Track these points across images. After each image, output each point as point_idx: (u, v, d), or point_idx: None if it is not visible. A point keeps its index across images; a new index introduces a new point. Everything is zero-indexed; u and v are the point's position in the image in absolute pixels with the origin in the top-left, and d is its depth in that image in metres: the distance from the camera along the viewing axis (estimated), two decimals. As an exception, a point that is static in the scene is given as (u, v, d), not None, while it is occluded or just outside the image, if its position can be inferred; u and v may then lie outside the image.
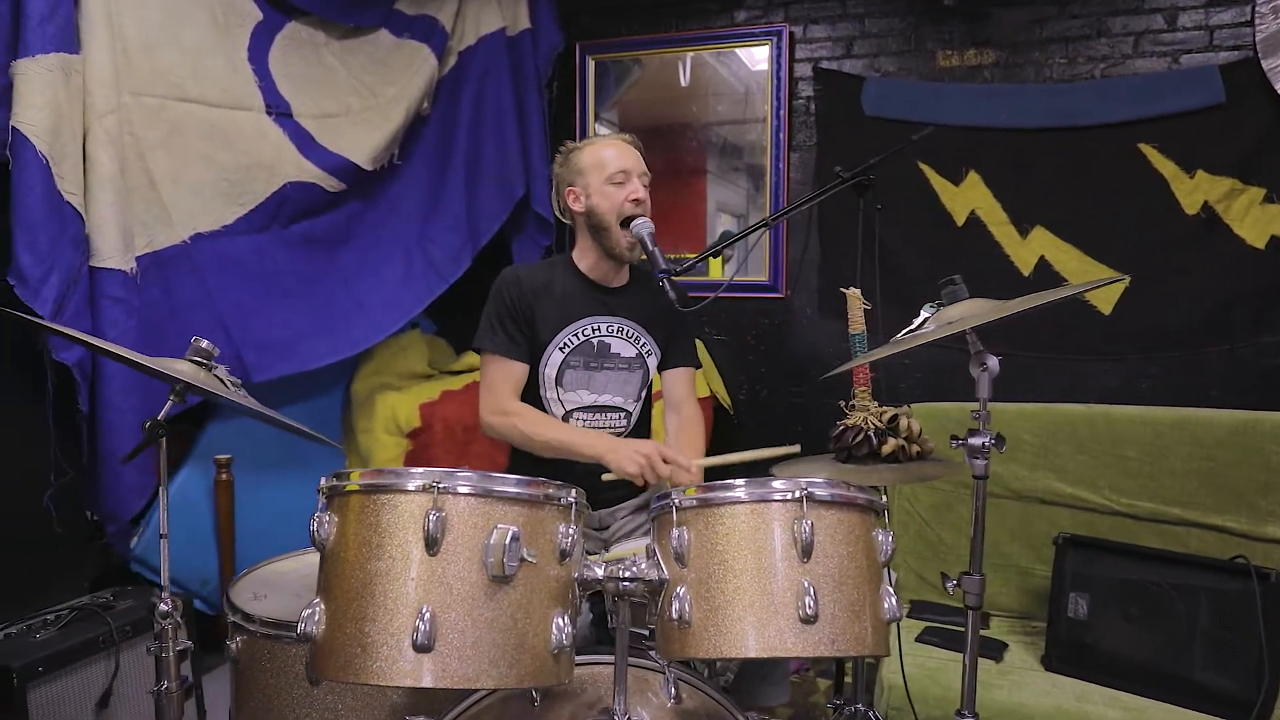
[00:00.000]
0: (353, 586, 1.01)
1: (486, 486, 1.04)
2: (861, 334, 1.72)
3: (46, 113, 2.07)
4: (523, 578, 1.03)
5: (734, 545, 1.10)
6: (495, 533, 1.01)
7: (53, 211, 2.09)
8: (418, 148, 3.11)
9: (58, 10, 2.11)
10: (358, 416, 3.11)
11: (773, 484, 1.13)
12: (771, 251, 3.19)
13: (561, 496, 1.10)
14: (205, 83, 2.50)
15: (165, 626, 1.28)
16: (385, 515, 1.03)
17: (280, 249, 2.72)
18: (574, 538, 1.10)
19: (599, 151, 1.93)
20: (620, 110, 3.47)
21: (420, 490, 1.02)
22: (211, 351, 1.36)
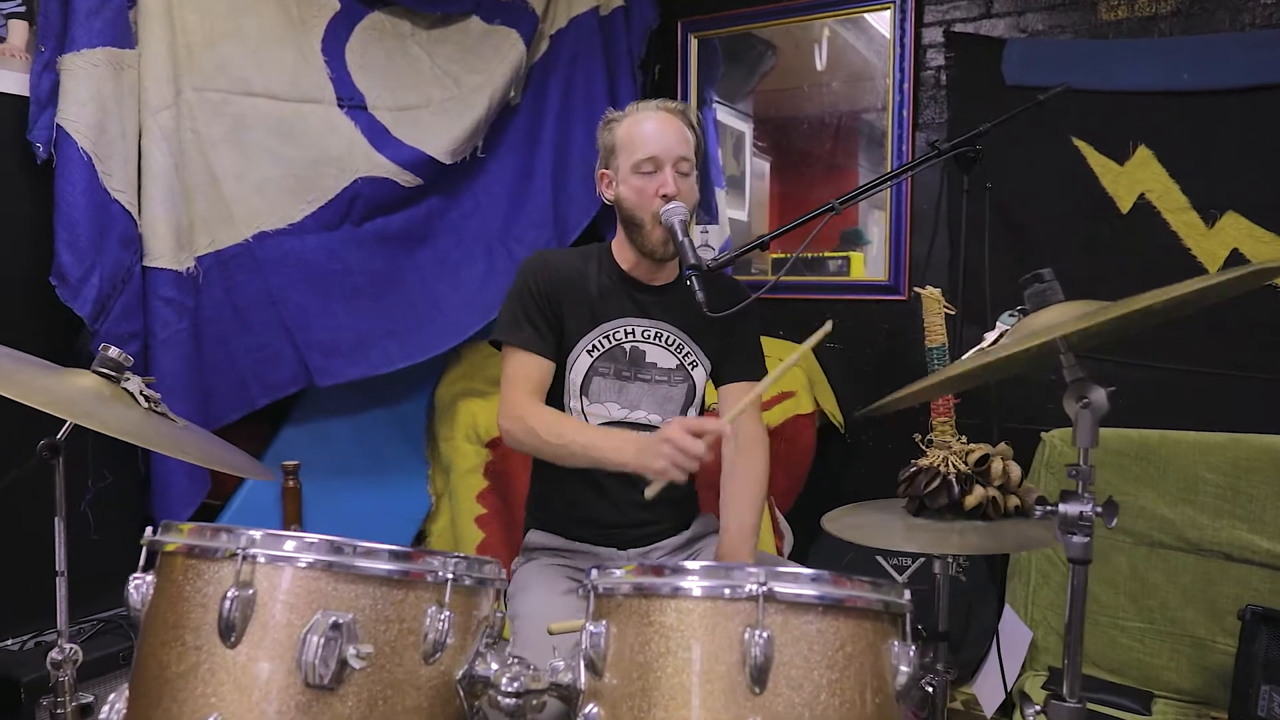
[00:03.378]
0: (148, 676, 0.78)
1: (321, 556, 0.78)
2: (942, 347, 1.32)
3: (91, 108, 2.02)
4: (359, 684, 0.76)
5: (665, 656, 0.78)
6: (316, 620, 0.75)
7: (96, 209, 2.04)
8: (505, 139, 2.92)
9: (106, 4, 2.06)
10: (440, 423, 2.96)
11: (736, 571, 0.79)
12: (891, 247, 2.76)
13: (434, 569, 0.82)
14: (270, 75, 2.41)
15: (60, 679, 1.10)
16: (190, 587, 0.79)
17: (352, 248, 2.59)
18: (447, 625, 0.81)
19: (633, 127, 1.63)
20: (755, 100, 3.15)
21: (227, 558, 0.77)
22: (122, 362, 1.19)
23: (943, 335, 1.32)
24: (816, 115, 3.03)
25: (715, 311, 1.46)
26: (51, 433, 1.55)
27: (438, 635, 0.81)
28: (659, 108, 1.66)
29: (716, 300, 1.50)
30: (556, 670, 0.84)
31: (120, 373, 1.17)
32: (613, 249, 1.71)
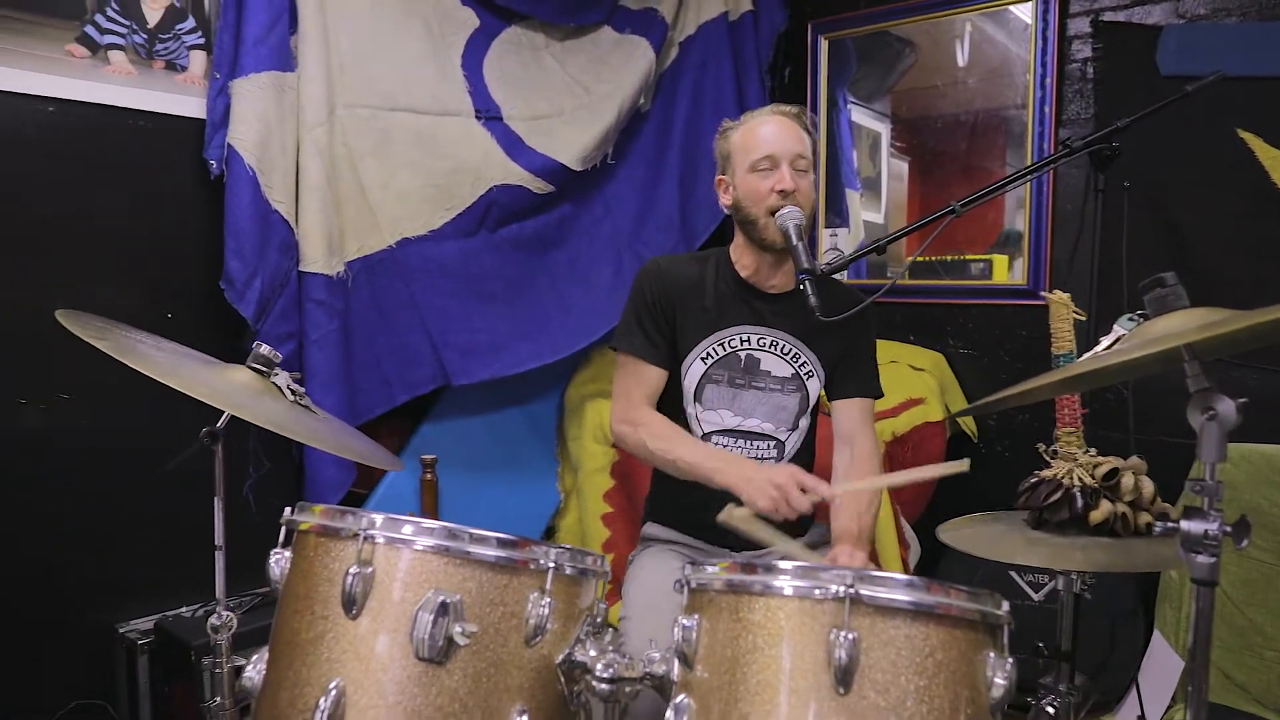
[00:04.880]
0: (281, 642, 0.86)
1: (437, 541, 0.84)
2: (1069, 354, 1.27)
3: (256, 128, 2.21)
4: (464, 660, 0.81)
5: (753, 652, 0.79)
6: (427, 598, 0.81)
7: (259, 220, 2.22)
8: (634, 146, 2.99)
9: (272, 32, 2.25)
10: (569, 423, 3.06)
11: (823, 573, 0.80)
12: (1031, 249, 2.63)
13: (538, 557, 0.86)
14: (415, 91, 2.56)
15: (219, 641, 1.23)
16: (319, 563, 0.86)
17: (487, 253, 2.71)
18: (548, 611, 0.85)
19: (749, 132, 1.64)
20: (892, 100, 3.10)
21: (351, 538, 0.84)
22: (272, 359, 1.30)
23: (1070, 342, 1.26)
24: (955, 113, 2.93)
25: (828, 316, 1.45)
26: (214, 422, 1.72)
27: (539, 620, 0.85)
28: (773, 112, 1.67)
29: (832, 307, 1.49)
30: (651, 660, 0.87)
31: (270, 368, 1.28)
32: (731, 255, 1.72)
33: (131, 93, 2.13)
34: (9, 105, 1.96)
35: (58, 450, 2.06)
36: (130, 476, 2.16)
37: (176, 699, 2.03)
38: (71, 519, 2.08)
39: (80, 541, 2.10)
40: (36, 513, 2.03)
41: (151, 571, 2.20)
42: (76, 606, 2.10)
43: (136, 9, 2.13)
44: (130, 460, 2.15)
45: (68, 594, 2.09)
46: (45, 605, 2.05)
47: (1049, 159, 1.50)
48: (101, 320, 1.23)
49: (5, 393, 1.99)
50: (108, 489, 2.13)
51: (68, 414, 2.07)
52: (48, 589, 2.05)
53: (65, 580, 2.08)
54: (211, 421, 1.92)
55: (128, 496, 2.16)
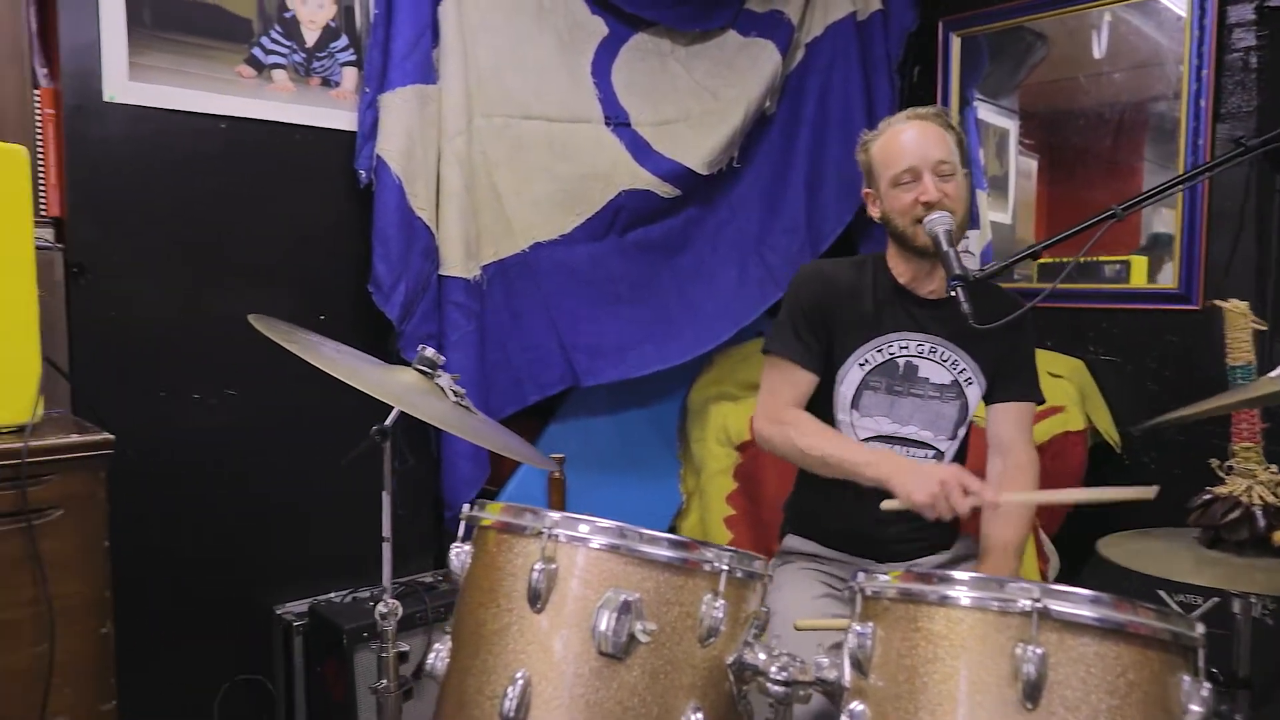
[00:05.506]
0: (466, 631, 0.91)
1: (613, 540, 0.87)
2: (1247, 366, 1.20)
3: (402, 138, 2.32)
4: (643, 657, 0.84)
5: (932, 662, 0.79)
6: (608, 596, 0.84)
7: (403, 226, 2.33)
8: (760, 149, 2.99)
9: (416, 47, 2.35)
10: (692, 425, 3.08)
11: (1007, 585, 0.79)
12: (1184, 252, 2.50)
13: (710, 560, 0.89)
14: (547, 99, 2.63)
15: (385, 627, 1.30)
16: (503, 558, 0.91)
17: (615, 256, 2.77)
18: (721, 613, 0.87)
19: (890, 143, 1.62)
20: (1021, 95, 3.01)
21: (534, 535, 0.88)
22: (436, 361, 1.37)
23: (1249, 353, 1.19)
24: (1093, 108, 2.81)
25: (984, 323, 1.42)
26: (367, 421, 1.82)
27: (713, 621, 0.87)
28: (909, 117, 1.65)
29: (986, 312, 1.46)
30: (821, 666, 0.88)
31: (434, 370, 1.35)
32: (887, 260, 1.70)
33: (291, 108, 2.27)
34: (188, 123, 2.11)
35: (224, 444, 2.21)
36: (287, 469, 2.30)
37: (328, 678, 2.15)
38: (236, 507, 2.23)
39: (243, 528, 2.25)
40: (205, 501, 2.18)
41: (305, 558, 2.34)
42: (239, 589, 2.25)
43: (296, 30, 2.27)
44: (287, 453, 2.30)
45: (232, 577, 2.24)
46: (213, 587, 2.20)
47: (1224, 158, 1.42)
48: (286, 324, 1.32)
49: (180, 389, 2.15)
50: (267, 480, 2.27)
51: (233, 410, 2.22)
52: (215, 572, 2.20)
53: (230, 564, 2.23)
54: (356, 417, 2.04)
55: (285, 487, 2.30)
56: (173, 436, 2.12)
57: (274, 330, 1.27)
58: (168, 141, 2.10)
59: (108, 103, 2.01)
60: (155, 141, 2.08)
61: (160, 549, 2.08)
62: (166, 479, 2.08)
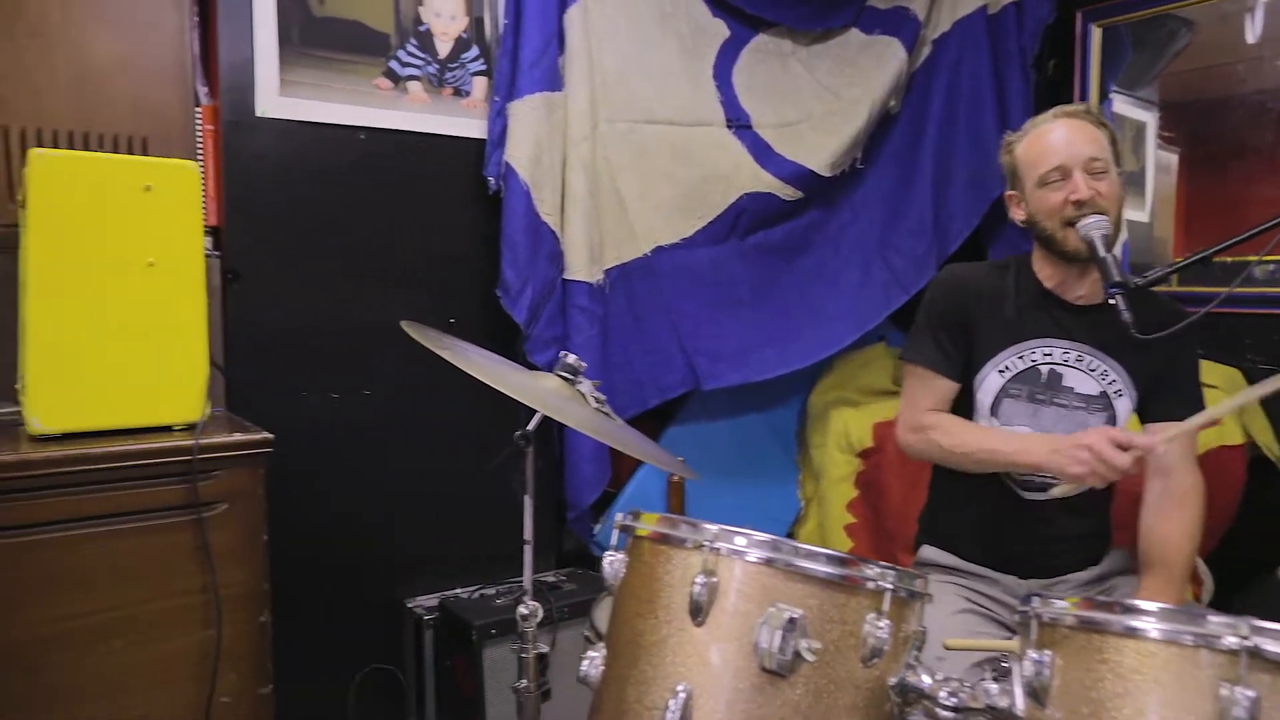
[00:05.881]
0: (623, 641, 0.92)
1: (776, 555, 0.86)
2: None
3: (529, 146, 2.36)
4: (806, 675, 0.83)
5: (1121, 697, 0.75)
6: (770, 613, 0.83)
7: (530, 231, 2.38)
8: (884, 149, 2.92)
9: (544, 56, 2.39)
10: (812, 430, 3.03)
11: (1208, 619, 0.74)
12: (1357, 251, 2.30)
13: (874, 578, 0.86)
14: (670, 103, 2.64)
15: (526, 629, 1.33)
16: (662, 569, 0.91)
17: (736, 260, 2.75)
18: (886, 633, 0.85)
19: (1036, 143, 1.55)
20: (1161, 85, 2.85)
21: (695, 548, 0.88)
22: (577, 367, 1.39)
23: None
24: (1246, 96, 2.63)
25: (1146, 334, 1.34)
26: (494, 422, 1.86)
27: (877, 641, 0.85)
28: (1056, 115, 1.57)
29: (1145, 320, 1.38)
30: (990, 693, 0.84)
31: (575, 376, 1.37)
32: (1032, 264, 1.63)
33: (425, 118, 2.34)
34: (330, 136, 2.21)
35: (360, 442, 2.30)
36: (418, 467, 2.38)
37: (458, 672, 2.21)
38: (369, 503, 2.32)
39: (376, 523, 2.34)
40: (341, 496, 2.28)
41: (435, 553, 2.41)
42: (372, 581, 2.34)
43: (430, 43, 2.34)
44: (418, 452, 2.38)
45: (366, 570, 2.33)
46: (348, 579, 2.30)
47: None
48: (434, 330, 1.37)
49: (320, 389, 2.25)
50: (399, 478, 2.36)
51: (369, 410, 2.31)
52: (350, 564, 2.30)
53: (364, 558, 2.32)
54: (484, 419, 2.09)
55: (415, 484, 2.38)
56: (313, 434, 2.22)
57: (425, 336, 1.31)
58: (311, 153, 2.20)
59: (260, 117, 2.13)
60: (300, 153, 2.19)
61: (300, 541, 2.18)
62: (306, 475, 2.18)
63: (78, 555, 1.36)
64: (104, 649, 1.39)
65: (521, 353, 2.39)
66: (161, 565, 1.43)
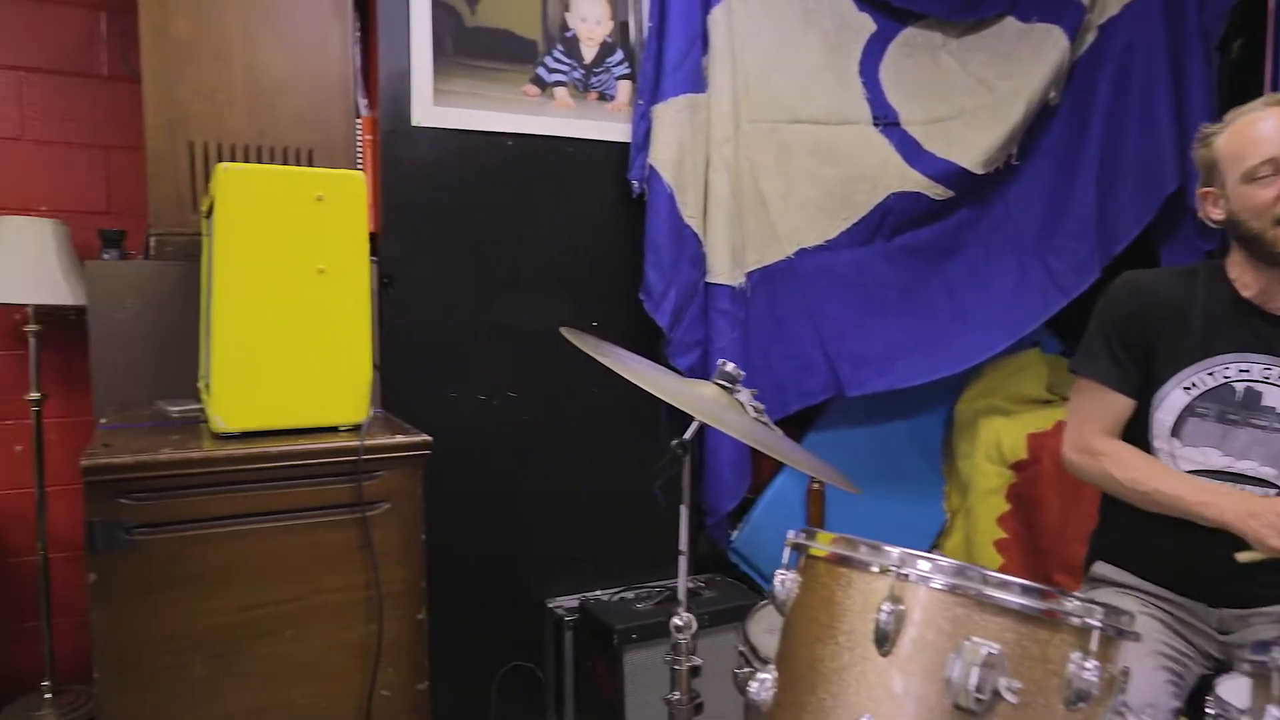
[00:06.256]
0: (799, 665, 0.88)
1: (966, 583, 0.80)
2: None
3: (673, 148, 2.35)
4: (1005, 716, 0.77)
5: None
6: (966, 647, 0.77)
7: (673, 234, 2.36)
8: (1042, 143, 2.76)
9: (687, 57, 2.38)
10: (959, 440, 2.90)
11: None
12: None
13: (1078, 613, 0.79)
14: (814, 102, 2.57)
15: (680, 640, 1.31)
16: (842, 593, 0.86)
17: (881, 262, 2.66)
18: (1094, 675, 0.78)
19: (1242, 134, 1.41)
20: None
21: (879, 572, 0.83)
22: (736, 375, 1.35)
23: None
24: None
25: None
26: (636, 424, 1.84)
27: (1083, 684, 0.78)
28: (1267, 104, 1.42)
29: None
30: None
31: (734, 384, 1.34)
32: (1228, 270, 1.49)
33: (570, 123, 2.36)
34: (479, 143, 2.26)
35: (504, 443, 2.34)
36: (559, 468, 2.41)
37: (597, 673, 2.22)
38: (511, 503, 2.36)
39: (517, 523, 2.38)
40: (485, 496, 2.33)
41: (574, 554, 2.43)
42: (514, 580, 2.38)
43: (576, 48, 2.36)
44: (560, 453, 2.40)
45: (507, 569, 2.37)
46: (490, 577, 2.34)
47: None
48: (592, 337, 1.36)
49: (467, 390, 2.30)
50: (540, 478, 2.39)
51: (513, 411, 2.35)
52: (492, 563, 2.35)
53: (506, 557, 2.37)
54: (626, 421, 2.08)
55: (556, 485, 2.41)
56: (461, 435, 2.27)
57: (584, 342, 1.31)
58: (461, 160, 2.26)
59: (415, 127, 2.19)
60: (451, 160, 2.24)
61: (445, 539, 2.23)
62: (452, 474, 2.24)
63: (254, 549, 1.43)
64: (276, 639, 1.45)
65: (663, 356, 2.37)
66: (328, 561, 1.49)
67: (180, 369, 1.97)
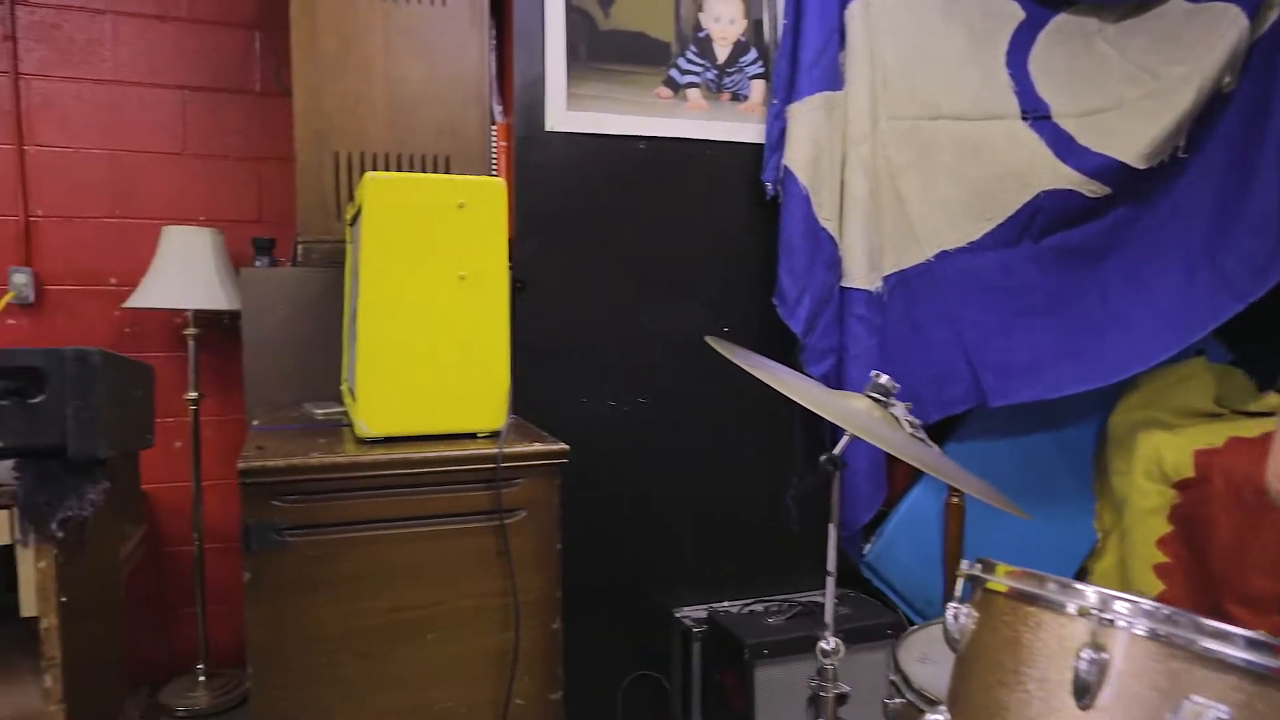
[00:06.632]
0: (978, 710, 0.80)
1: (1182, 633, 0.71)
2: None
3: (808, 148, 2.27)
4: (1230, 786, 0.68)
5: None
6: (1186, 708, 0.68)
7: (808, 237, 2.29)
8: (1214, 133, 2.53)
9: (824, 54, 2.29)
10: (1113, 455, 2.71)
11: None
12: None
13: (1320, 674, 0.69)
14: (957, 97, 2.44)
15: (827, 666, 1.24)
16: (1029, 635, 0.78)
17: (1028, 264, 2.50)
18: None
19: None
20: None
21: (1077, 615, 0.75)
22: (890, 388, 1.28)
23: None
24: None
25: None
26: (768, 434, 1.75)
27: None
28: None
29: None
30: None
31: (888, 397, 1.27)
32: None
33: (702, 125, 2.32)
34: (612, 146, 2.25)
35: (633, 449, 2.32)
36: (688, 476, 2.36)
37: (726, 686, 2.17)
38: (640, 510, 2.34)
39: (645, 530, 2.35)
40: (613, 502, 2.31)
41: (701, 564, 2.39)
42: (641, 588, 2.36)
43: (709, 49, 2.32)
44: (689, 461, 2.36)
45: (635, 576, 2.35)
46: (617, 585, 2.32)
47: None
48: (739, 348, 1.32)
49: (598, 396, 2.29)
50: (669, 486, 2.35)
51: (643, 417, 2.33)
52: (620, 570, 2.32)
53: (633, 564, 2.34)
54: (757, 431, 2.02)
55: (685, 493, 2.36)
56: (590, 440, 2.25)
57: (730, 351, 1.27)
58: (594, 164, 2.24)
59: (548, 132, 2.20)
60: (582, 165, 2.24)
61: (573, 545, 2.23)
62: (582, 480, 2.22)
63: (396, 553, 1.45)
64: (419, 642, 1.47)
65: (797, 363, 2.30)
66: (466, 567, 1.49)
67: (324, 372, 2.04)
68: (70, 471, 1.01)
